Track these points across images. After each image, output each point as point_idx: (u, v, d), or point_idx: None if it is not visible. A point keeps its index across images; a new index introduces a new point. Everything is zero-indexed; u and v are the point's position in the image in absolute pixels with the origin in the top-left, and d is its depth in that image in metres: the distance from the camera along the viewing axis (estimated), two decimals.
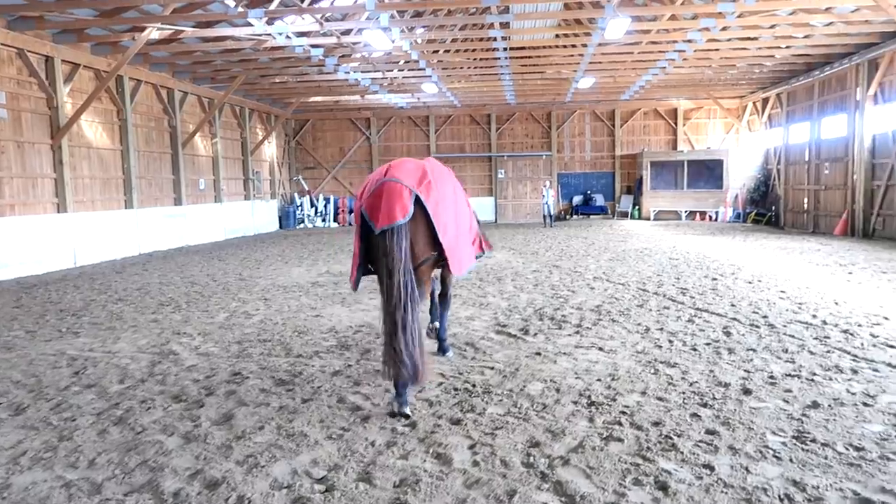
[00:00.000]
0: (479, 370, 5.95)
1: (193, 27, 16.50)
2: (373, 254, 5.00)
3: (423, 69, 20.86)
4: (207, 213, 22.80)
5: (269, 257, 16.53)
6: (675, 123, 29.39)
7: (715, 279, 11.14)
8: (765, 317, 8.05)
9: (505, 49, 18.36)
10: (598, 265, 13.19)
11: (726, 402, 5.00)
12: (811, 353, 6.40)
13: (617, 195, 30.04)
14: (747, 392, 5.25)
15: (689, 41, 17.88)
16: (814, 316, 8.06)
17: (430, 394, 5.27)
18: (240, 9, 14.78)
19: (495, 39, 17.05)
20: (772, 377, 5.63)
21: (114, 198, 18.10)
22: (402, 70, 21.55)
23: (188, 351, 6.92)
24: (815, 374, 5.72)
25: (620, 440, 4.30)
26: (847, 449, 4.14)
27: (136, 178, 18.86)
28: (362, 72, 21.59)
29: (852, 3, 14.74)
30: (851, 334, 7.10)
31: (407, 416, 4.72)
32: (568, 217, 30.03)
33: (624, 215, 29.40)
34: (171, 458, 4.03)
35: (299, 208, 30.02)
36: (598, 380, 5.62)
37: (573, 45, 18.35)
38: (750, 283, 10.71)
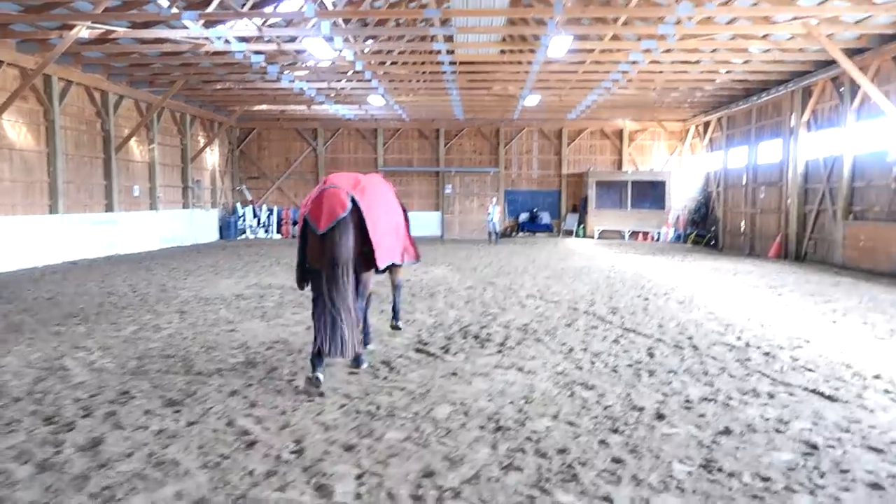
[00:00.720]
0: (388, 391, 5.63)
1: (128, 27, 15.90)
2: (313, 255, 5.73)
3: (369, 81, 20.58)
4: (141, 221, 21.96)
5: (200, 268, 15.92)
6: (621, 144, 29.76)
7: (647, 299, 11.07)
8: (690, 338, 7.95)
9: (452, 63, 18.24)
10: (535, 283, 13.04)
11: (638, 428, 4.79)
12: (731, 376, 6.28)
13: (563, 213, 30.19)
14: (661, 417, 5.06)
15: (634, 62, 18.07)
16: (738, 338, 7.99)
17: (328, 417, 4.92)
18: (174, 10, 14.24)
19: (440, 53, 16.89)
20: (688, 401, 5.46)
21: (37, 202, 17.22)
22: (349, 81, 21.24)
23: (81, 367, 6.41)
24: (731, 398, 5.57)
25: (520, 469, 4.03)
26: (753, 479, 3.96)
27: (63, 182, 18.00)
28: (307, 81, 21.21)
29: (787, 31, 15.06)
30: (773, 357, 7.03)
31: (318, 382, 5.50)
32: (514, 234, 30.03)
33: (569, 233, 29.55)
34: (15, 491, 3.59)
35: (241, 219, 29.27)
36: (511, 402, 5.36)
37: (518, 62, 18.36)
38: (681, 303, 10.68)
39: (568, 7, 13.01)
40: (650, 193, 28.10)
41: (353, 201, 5.72)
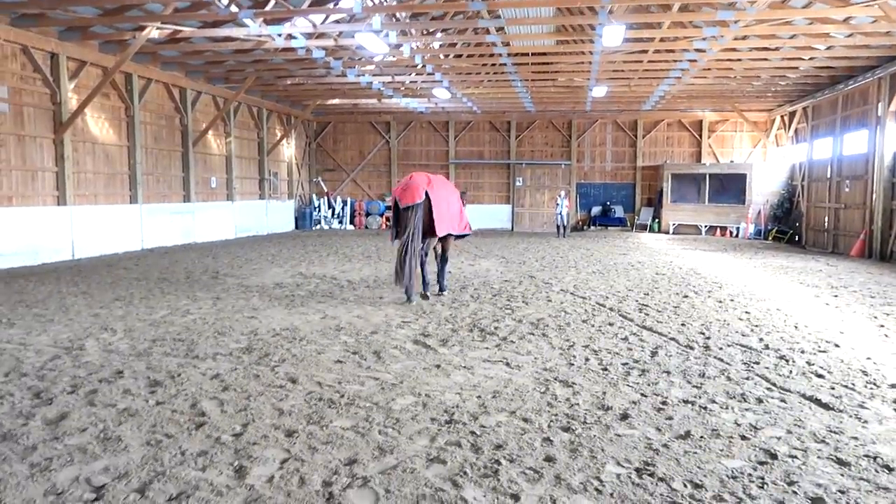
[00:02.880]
0: (362, 380, 5.73)
1: (197, 27, 16.73)
2: (399, 223, 9.56)
3: (432, 74, 20.73)
4: (217, 211, 23.06)
5: (262, 256, 16.58)
6: (700, 136, 28.60)
7: (686, 296, 10.67)
8: (708, 338, 7.62)
9: (509, 55, 18.09)
10: (576, 278, 12.80)
11: (592, 428, 4.68)
12: (728, 378, 6.00)
13: (637, 207, 29.36)
14: (624, 417, 4.92)
15: (701, 51, 17.35)
16: (761, 339, 7.60)
17: (289, 403, 5.08)
18: (233, 8, 14.84)
19: (495, 45, 16.79)
20: (664, 403, 5.27)
21: (118, 192, 18.42)
22: (414, 75, 21.47)
23: (98, 347, 6.88)
24: (714, 401, 5.33)
25: (444, 462, 4.03)
26: (684, 486, 3.80)
27: (142, 174, 19.18)
28: (373, 75, 21.59)
29: (867, 15, 14.02)
30: (787, 360, 6.65)
31: (410, 300, 9.67)
32: (585, 228, 29.48)
33: (643, 228, 28.71)
34: None
35: (317, 210, 30.17)
36: (478, 396, 5.35)
37: (578, 53, 17.97)
38: (720, 301, 10.22)
39: None
40: (730, 187, 26.85)
41: (427, 195, 9.40)
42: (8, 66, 14.88)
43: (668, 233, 27.39)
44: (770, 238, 25.06)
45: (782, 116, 26.35)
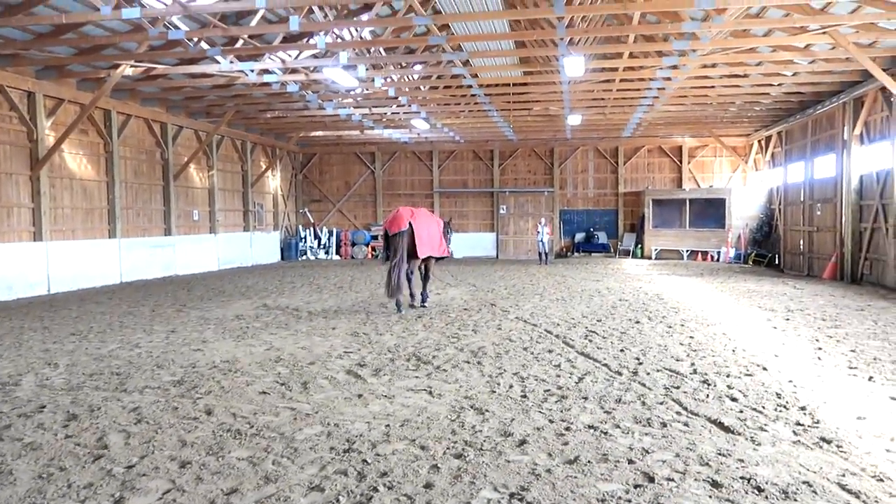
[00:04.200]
0: (277, 411, 5.85)
1: (175, 64, 17.12)
2: (389, 247, 11.81)
3: (407, 105, 21.09)
4: (199, 244, 23.27)
5: (235, 288, 16.74)
6: (680, 161, 28.91)
7: (638, 322, 10.79)
8: (640, 364, 7.73)
9: (479, 86, 18.44)
10: (536, 305, 12.94)
11: (485, 455, 4.79)
12: (643, 403, 6.11)
13: (620, 233, 29.56)
14: (522, 443, 5.03)
15: (667, 79, 17.68)
16: (692, 364, 7.71)
17: (195, 435, 5.20)
18: (204, 45, 15.19)
19: (464, 77, 17.13)
20: (567, 429, 5.38)
21: (96, 227, 18.65)
22: (390, 107, 21.84)
23: (34, 382, 7.01)
24: (618, 426, 5.44)
25: (322, 490, 4.15)
26: None
27: (121, 208, 19.43)
28: (352, 108, 21.95)
29: (815, 41, 14.35)
30: (708, 385, 6.76)
31: (399, 310, 11.89)
32: (569, 254, 29.64)
33: (626, 254, 28.86)
34: None
35: (303, 240, 30.40)
36: (387, 425, 5.46)
37: (547, 83, 18.30)
38: (670, 327, 10.34)
39: (570, 30, 12.94)
40: (710, 212, 27.07)
41: (410, 224, 11.73)
42: None
43: (650, 258, 27.55)
44: (749, 262, 25.19)
45: (759, 141, 26.68)
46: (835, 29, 13.60)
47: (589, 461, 4.67)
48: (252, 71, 16.80)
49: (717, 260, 26.45)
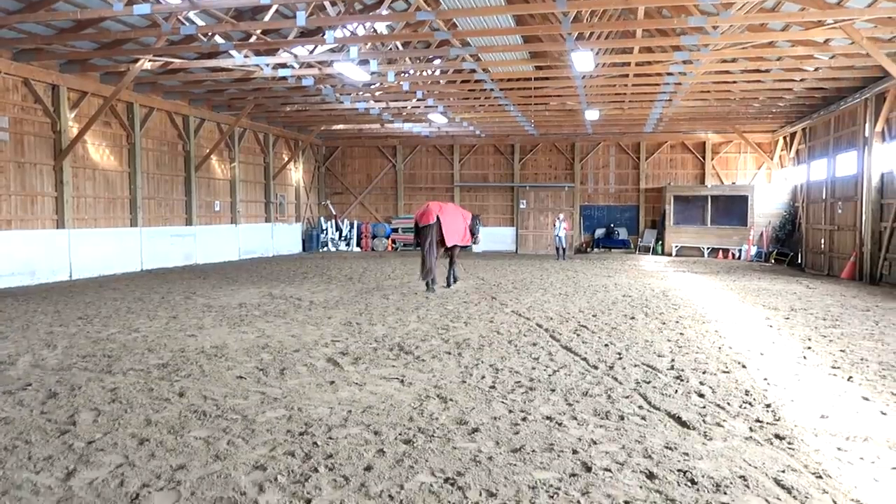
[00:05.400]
0: (247, 395, 6.06)
1: (195, 58, 17.51)
2: (420, 236, 13.74)
3: (424, 100, 21.22)
4: (220, 234, 23.75)
5: (249, 278, 17.10)
6: (703, 158, 28.51)
7: (633, 318, 10.80)
8: (620, 359, 7.78)
9: (493, 80, 18.47)
10: (536, 300, 12.99)
11: (433, 441, 4.92)
12: (609, 397, 6.17)
13: (641, 229, 29.31)
14: (474, 431, 5.15)
15: (683, 74, 17.52)
16: (672, 360, 7.73)
17: (162, 415, 5.42)
18: (218, 39, 15.51)
19: (475, 72, 17.20)
20: (524, 419, 5.47)
21: (118, 216, 19.19)
22: (407, 101, 21.98)
23: (29, 362, 7.34)
24: (575, 418, 5.52)
25: (264, 469, 4.32)
26: (479, 494, 4.02)
27: (143, 198, 19.93)
28: (370, 101, 22.16)
29: (827, 36, 14.11)
30: (681, 380, 6.79)
31: (429, 289, 13.99)
32: (589, 250, 29.49)
33: (646, 250, 28.62)
34: None
35: (324, 232, 30.78)
36: (349, 411, 5.62)
37: (561, 78, 18.25)
38: (664, 323, 10.33)
39: (576, 24, 12.92)
40: (732, 209, 26.70)
41: (438, 218, 13.64)
42: (9, 98, 15.76)
43: (671, 255, 27.28)
44: (771, 260, 24.80)
45: (784, 137, 26.21)
46: (850, 23, 13.34)
47: (533, 450, 4.77)
48: (267, 65, 17.09)
49: (739, 258, 26.09)
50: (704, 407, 5.90)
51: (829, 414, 5.74)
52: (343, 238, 30.95)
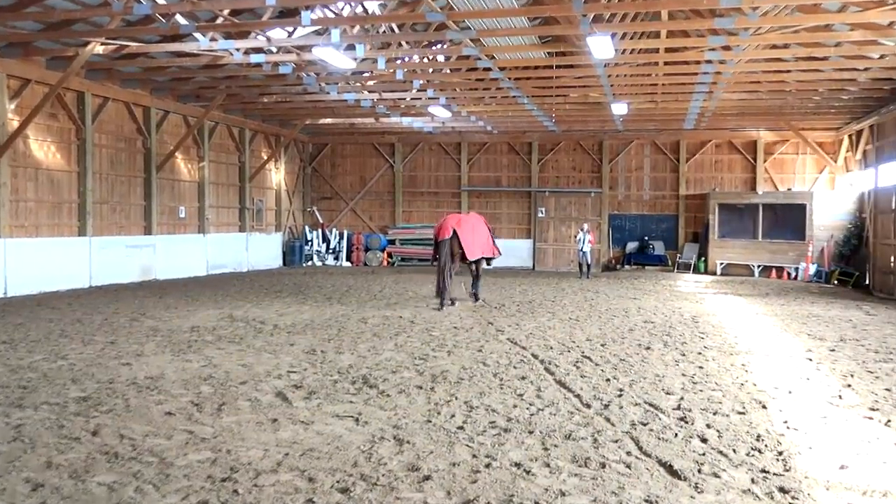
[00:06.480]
0: (172, 434, 6.15)
1: (156, 41, 17.82)
2: (437, 251, 15.19)
3: (423, 90, 21.41)
4: (185, 245, 24.01)
5: (212, 297, 17.28)
6: (755, 159, 28.47)
7: (648, 348, 10.81)
8: (620, 396, 7.80)
9: (500, 69, 18.61)
10: (540, 325, 13.05)
11: (374, 490, 4.96)
12: (595, 441, 6.19)
13: (680, 243, 29.28)
14: (426, 479, 5.20)
15: (722, 62, 17.58)
16: (681, 398, 7.74)
17: (72, 455, 5.53)
18: (180, 20, 15.77)
19: (479, 59, 17.34)
20: (488, 465, 5.50)
21: (64, 223, 19.47)
22: (404, 91, 22.18)
23: None
24: (548, 465, 5.55)
25: None
26: None
27: (94, 202, 20.19)
28: (362, 92, 22.37)
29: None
30: (685, 422, 6.81)
31: (441, 308, 15.07)
32: (619, 267, 29.48)
33: (687, 267, 28.54)
34: None
35: (309, 244, 30.98)
36: (286, 454, 5.69)
37: (579, 66, 18.36)
38: (683, 355, 10.34)
39: (589, 5, 13.04)
40: (788, 220, 26.59)
41: (454, 232, 15.02)
42: None
43: (714, 273, 27.19)
44: (833, 281, 24.62)
45: (850, 136, 26.12)
46: None
47: (488, 502, 4.81)
48: (238, 50, 17.35)
49: (795, 278, 25.95)
50: (704, 454, 5.91)
51: (851, 464, 5.74)
52: (331, 251, 31.16)
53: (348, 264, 30.74)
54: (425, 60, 19.32)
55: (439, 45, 18.06)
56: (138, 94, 21.86)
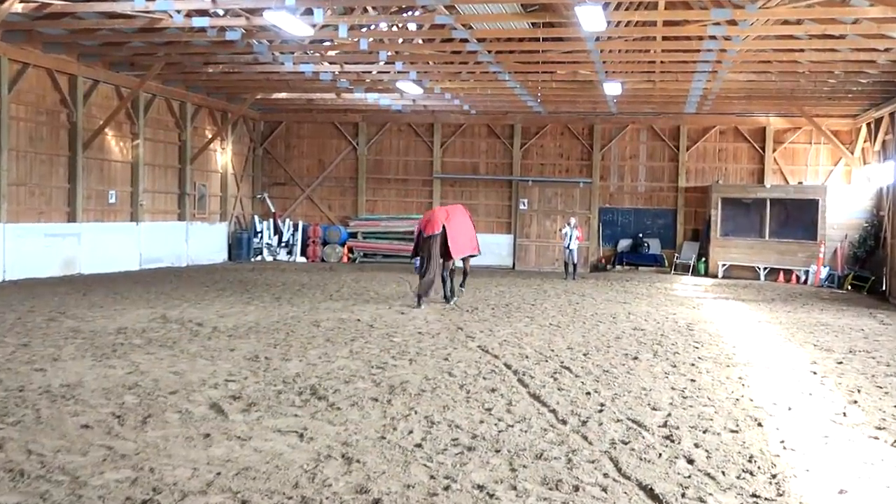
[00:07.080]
0: (88, 450, 6.13)
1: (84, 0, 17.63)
2: (420, 248, 15.97)
3: (389, 63, 21.41)
4: (116, 235, 23.82)
5: (146, 293, 17.19)
6: (763, 148, 28.79)
7: (635, 359, 10.95)
8: (600, 411, 7.90)
9: (478, 41, 18.66)
10: (515, 332, 13.17)
11: None
12: (569, 461, 6.26)
13: (678, 241, 29.54)
14: (375, 503, 5.24)
15: (727, 38, 17.76)
16: (669, 414, 7.86)
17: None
18: None
19: (453, 28, 17.38)
20: (447, 488, 5.55)
21: None
22: (370, 64, 22.17)
23: None
24: (514, 487, 5.62)
25: None
26: None
27: (8, 184, 19.93)
28: (322, 63, 22.31)
29: None
30: (671, 441, 6.90)
31: (420, 306, 15.73)
32: (609, 267, 29.68)
33: (685, 268, 28.83)
34: None
35: (259, 235, 30.86)
36: (218, 473, 5.70)
37: (566, 39, 18.46)
38: (674, 366, 10.49)
39: None
40: (799, 217, 26.92)
41: (444, 227, 15.48)
42: None
43: (716, 276, 27.47)
44: (847, 286, 24.98)
45: (868, 124, 26.49)
46: None
47: None
48: (178, 12, 17.22)
49: (805, 282, 26.30)
50: (690, 476, 6.01)
51: (851, 488, 5.86)
52: (283, 244, 31.06)
53: (303, 260, 30.69)
54: (394, 29, 19.32)
55: (410, 12, 18.09)
56: (63, 60, 21.61)
